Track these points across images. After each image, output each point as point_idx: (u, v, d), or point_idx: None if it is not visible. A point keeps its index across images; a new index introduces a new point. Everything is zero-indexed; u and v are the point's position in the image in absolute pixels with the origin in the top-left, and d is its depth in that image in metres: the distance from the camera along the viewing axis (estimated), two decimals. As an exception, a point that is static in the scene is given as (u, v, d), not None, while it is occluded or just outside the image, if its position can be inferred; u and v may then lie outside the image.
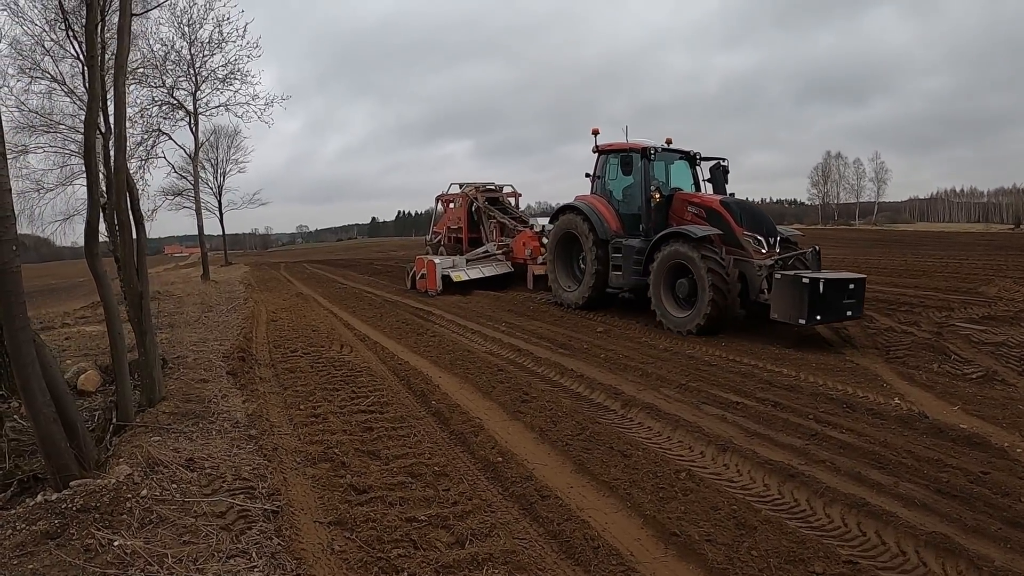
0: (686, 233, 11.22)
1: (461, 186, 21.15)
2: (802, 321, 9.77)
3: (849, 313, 10.27)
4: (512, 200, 21.22)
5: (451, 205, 21.51)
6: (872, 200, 78.67)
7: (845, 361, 9.00)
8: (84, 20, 6.44)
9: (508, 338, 11.14)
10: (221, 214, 40.38)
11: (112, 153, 6.37)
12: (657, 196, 12.41)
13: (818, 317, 9.79)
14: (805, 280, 9.69)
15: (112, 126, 6.65)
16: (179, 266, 52.00)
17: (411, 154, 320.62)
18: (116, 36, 6.75)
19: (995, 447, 5.76)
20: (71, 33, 10.85)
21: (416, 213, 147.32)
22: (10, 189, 4.42)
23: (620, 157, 13.15)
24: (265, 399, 7.45)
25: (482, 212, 20.02)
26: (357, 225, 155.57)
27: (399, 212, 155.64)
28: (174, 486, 4.67)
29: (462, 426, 6.42)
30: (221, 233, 43.83)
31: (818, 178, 79.95)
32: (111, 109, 7.42)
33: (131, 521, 4.11)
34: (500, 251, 18.82)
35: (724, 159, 13.56)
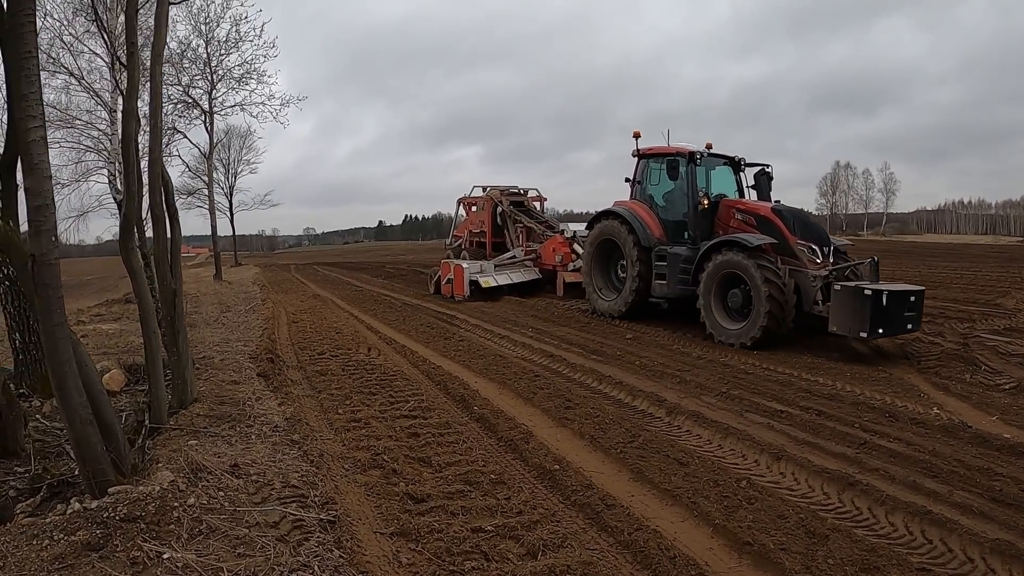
0: (741, 242, 10.63)
1: (484, 189, 20.54)
2: (863, 334, 9.22)
3: (909, 327, 9.74)
4: (537, 204, 20.54)
5: (473, 208, 20.90)
6: (881, 211, 77.95)
7: (879, 371, 8.70)
8: (123, 6, 6.06)
9: (538, 344, 10.78)
10: (232, 214, 39.95)
11: (147, 145, 5.97)
12: (706, 202, 11.88)
13: (880, 331, 9.25)
14: (868, 292, 9.13)
15: (148, 116, 6.27)
16: (188, 266, 51.59)
17: (420, 158, 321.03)
18: (153, 25, 6.37)
19: None
20: (100, 24, 10.49)
21: (423, 217, 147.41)
22: (50, 176, 4.06)
23: (666, 161, 12.48)
24: (300, 402, 7.09)
25: (507, 216, 19.39)
26: (363, 228, 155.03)
27: (406, 216, 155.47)
28: (221, 494, 4.30)
29: (510, 432, 6.07)
30: (232, 234, 43.32)
31: (827, 188, 78.99)
32: (146, 98, 7.05)
33: (180, 532, 3.75)
34: (528, 257, 18.12)
35: (768, 165, 12.98)
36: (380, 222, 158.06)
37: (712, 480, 5.00)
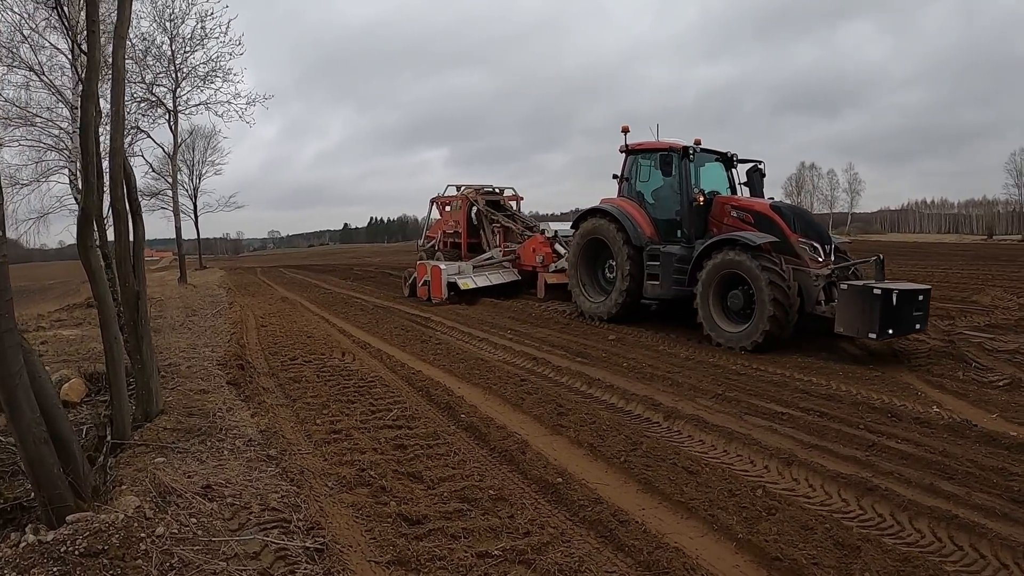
0: (743, 240, 10.09)
1: (458, 188, 19.92)
2: (873, 335, 8.79)
3: (918, 326, 9.38)
4: (513, 204, 19.87)
5: (447, 208, 20.21)
6: (845, 211, 78.65)
7: (871, 370, 8.44)
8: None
9: (519, 346, 10.33)
10: (196, 217, 38.90)
11: (108, 135, 5.43)
12: (701, 199, 11.35)
13: (890, 331, 8.82)
14: (877, 291, 8.70)
15: (109, 104, 5.72)
16: (151, 270, 50.26)
17: (387, 161, 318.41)
18: (117, 5, 5.83)
19: None
20: (60, 12, 9.86)
21: (389, 220, 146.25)
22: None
23: (659, 157, 11.91)
24: (275, 412, 6.57)
25: (483, 216, 18.80)
26: (329, 231, 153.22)
27: (371, 219, 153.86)
28: (194, 521, 3.80)
29: (504, 443, 5.63)
30: (196, 237, 42.20)
31: (792, 188, 79.68)
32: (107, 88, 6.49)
33: (148, 568, 3.25)
34: (506, 258, 17.49)
35: (761, 161, 12.51)
36: (345, 225, 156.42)
37: (726, 490, 4.66)
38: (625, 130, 12.79)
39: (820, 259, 10.20)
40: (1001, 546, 3.91)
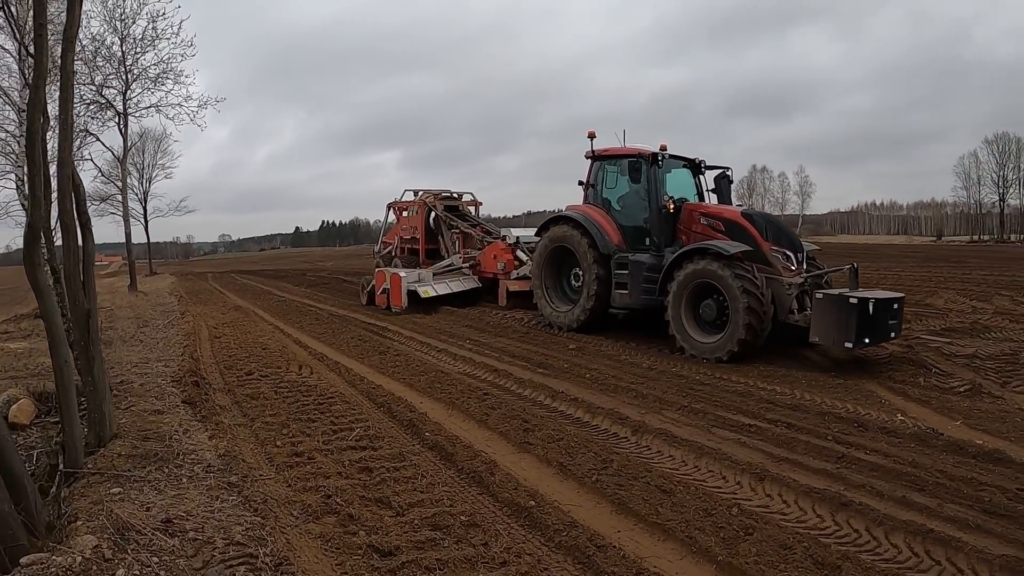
0: (717, 249, 9.95)
1: (416, 193, 19.62)
2: (849, 345, 8.74)
3: (893, 335, 9.45)
4: (472, 209, 19.74)
5: (404, 213, 19.93)
6: (796, 212, 79.99)
7: (833, 378, 8.54)
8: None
9: (479, 357, 10.18)
10: (146, 221, 38.02)
11: (55, 143, 5.18)
12: (671, 207, 11.23)
13: (867, 340, 8.82)
14: (853, 300, 8.68)
15: (57, 111, 5.46)
16: (101, 275, 48.87)
17: (339, 164, 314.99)
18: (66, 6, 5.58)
19: (1018, 463, 5.63)
20: (7, 12, 9.47)
21: (340, 223, 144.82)
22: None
23: (628, 163, 11.81)
24: (233, 433, 6.31)
25: (442, 221, 18.55)
26: (280, 235, 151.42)
27: (323, 222, 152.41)
28: (155, 560, 3.60)
29: (471, 463, 5.50)
30: (147, 241, 41.22)
31: (743, 191, 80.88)
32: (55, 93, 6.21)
33: (109, 616, 3.07)
34: (466, 264, 17.18)
35: (728, 168, 12.54)
36: (297, 228, 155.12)
37: (701, 509, 4.63)
38: (591, 135, 12.62)
39: (792, 267, 10.22)
40: (977, 559, 3.98)
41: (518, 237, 16.24)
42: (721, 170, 12.49)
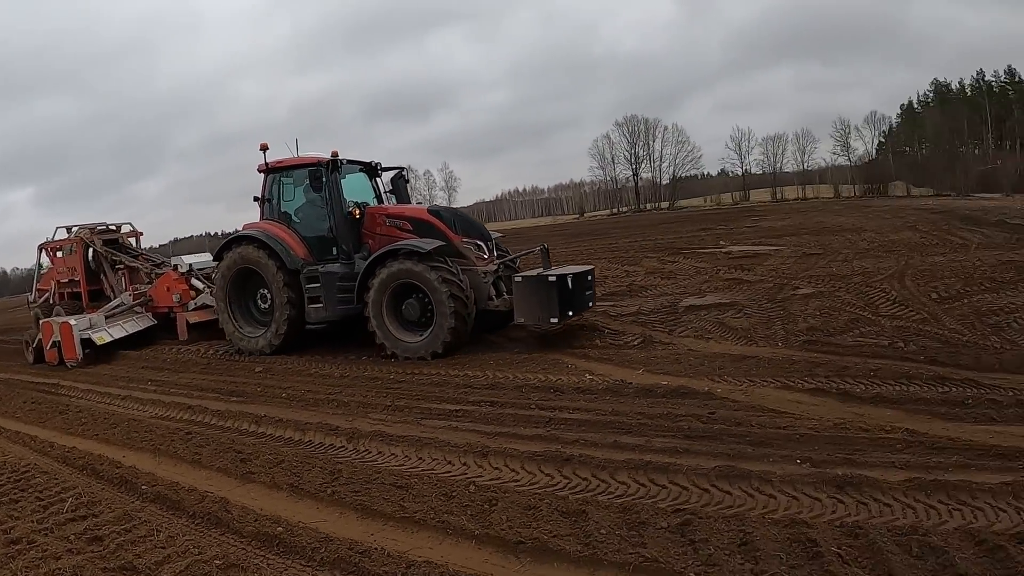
0: (413, 248, 10.02)
1: (70, 230, 17.29)
2: (554, 320, 9.42)
3: (590, 304, 10.35)
4: (133, 240, 17.90)
5: (59, 254, 17.36)
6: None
7: (517, 354, 9.27)
8: None
9: (167, 397, 9.29)
10: None
11: None
12: (357, 212, 11.04)
13: (570, 312, 9.59)
14: (552, 278, 9.34)
15: None
16: None
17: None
18: None
19: (701, 392, 6.70)
20: None
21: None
22: None
23: (308, 172, 11.41)
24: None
25: (103, 258, 16.53)
26: None
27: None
28: None
29: (201, 505, 5.08)
30: None
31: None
32: None
33: None
34: (138, 302, 15.29)
35: (404, 167, 12.66)
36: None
37: (441, 494, 4.84)
38: (264, 148, 11.91)
39: (485, 256, 10.72)
40: (695, 475, 4.71)
41: (191, 265, 15.00)
42: (397, 170, 12.66)
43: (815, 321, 9.29)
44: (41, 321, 14.99)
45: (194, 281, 14.91)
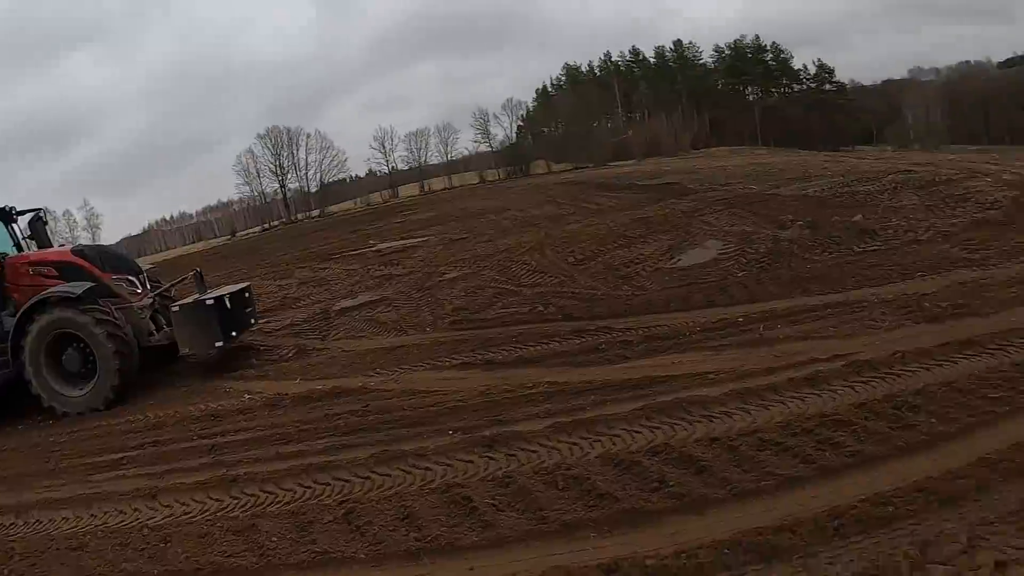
0: (63, 295, 8.99)
1: None
2: (219, 344, 9.22)
3: (253, 321, 10.22)
4: None
5: None
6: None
7: (177, 388, 9.12)
8: None
9: None
10: None
11: None
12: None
13: (234, 333, 9.51)
14: (209, 301, 9.17)
15: None
16: None
17: None
18: None
19: (355, 389, 7.27)
20: None
21: None
22: None
23: None
24: None
25: None
26: None
27: None
28: None
29: None
30: None
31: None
32: None
33: None
34: None
35: (41, 209, 11.18)
36: None
37: (117, 544, 4.81)
38: None
39: (139, 291, 10.11)
40: (355, 466, 5.17)
41: None
42: (33, 212, 11.14)
43: (460, 302, 10.24)
44: None
45: None
